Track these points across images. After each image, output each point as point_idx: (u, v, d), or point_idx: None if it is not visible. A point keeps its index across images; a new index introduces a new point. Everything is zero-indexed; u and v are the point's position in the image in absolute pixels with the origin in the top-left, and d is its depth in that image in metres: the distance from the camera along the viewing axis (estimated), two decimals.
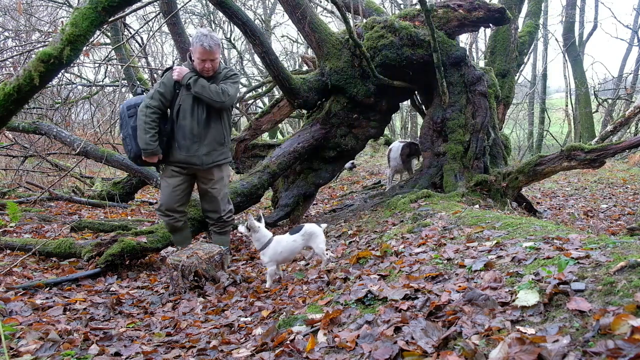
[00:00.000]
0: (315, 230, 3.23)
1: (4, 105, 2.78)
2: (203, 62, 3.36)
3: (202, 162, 3.53)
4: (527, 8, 7.31)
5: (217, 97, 3.39)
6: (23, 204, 6.05)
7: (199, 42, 3.30)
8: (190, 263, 3.19)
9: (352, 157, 6.06)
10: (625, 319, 1.35)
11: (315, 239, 3.21)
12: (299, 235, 3.20)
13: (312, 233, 3.21)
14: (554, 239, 2.35)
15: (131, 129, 3.45)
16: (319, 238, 3.22)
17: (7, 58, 7.34)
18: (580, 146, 4.59)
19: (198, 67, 3.40)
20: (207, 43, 3.29)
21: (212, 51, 3.34)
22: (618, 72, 15.83)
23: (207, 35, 3.33)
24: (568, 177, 8.97)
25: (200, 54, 3.33)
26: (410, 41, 5.03)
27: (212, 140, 3.55)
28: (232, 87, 3.48)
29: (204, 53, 3.32)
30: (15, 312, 2.68)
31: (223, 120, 3.61)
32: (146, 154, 3.45)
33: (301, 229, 3.24)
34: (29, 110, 7.81)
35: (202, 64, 3.38)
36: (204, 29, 3.40)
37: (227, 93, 3.44)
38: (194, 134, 3.48)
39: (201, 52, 3.32)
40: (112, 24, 7.56)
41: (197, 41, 3.31)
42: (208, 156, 3.54)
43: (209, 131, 3.53)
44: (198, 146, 3.50)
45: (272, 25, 16.99)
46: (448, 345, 1.59)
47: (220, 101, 3.41)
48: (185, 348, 2.29)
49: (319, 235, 3.23)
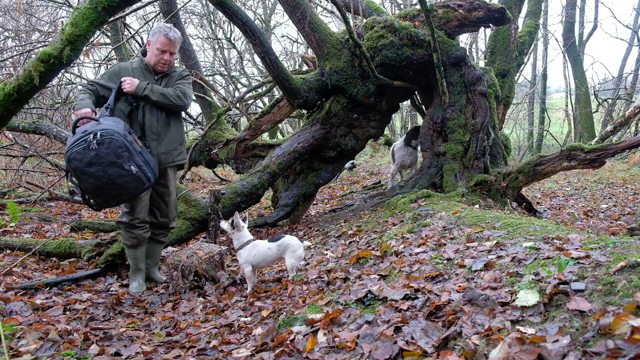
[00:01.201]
0: (293, 244, 3.19)
1: (4, 105, 2.77)
2: (162, 53, 3.21)
3: (160, 160, 3.26)
4: (527, 8, 7.32)
5: (179, 100, 3.25)
6: (23, 204, 6.05)
7: (161, 31, 3.17)
8: (190, 263, 3.19)
9: (352, 157, 6.07)
10: (625, 319, 1.35)
11: (290, 252, 3.17)
12: (275, 245, 3.19)
13: (289, 246, 3.18)
14: (554, 239, 2.35)
15: (139, 155, 2.97)
16: (294, 252, 3.17)
17: (7, 58, 7.34)
18: (580, 146, 4.60)
19: (154, 59, 3.24)
20: (171, 34, 3.18)
21: (174, 43, 3.22)
22: (618, 72, 15.84)
23: (170, 27, 3.21)
24: (568, 177, 8.97)
25: (162, 44, 3.19)
26: (410, 41, 5.03)
27: (172, 139, 3.35)
28: (190, 89, 3.36)
29: (166, 44, 3.19)
30: (15, 312, 2.68)
31: (181, 119, 3.49)
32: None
33: (280, 238, 3.22)
34: (29, 110, 7.81)
35: (161, 56, 3.22)
36: (168, 24, 3.29)
37: (188, 95, 3.30)
38: (153, 132, 3.26)
39: (163, 42, 3.18)
40: (112, 24, 7.56)
41: (160, 31, 3.17)
42: (167, 155, 3.33)
43: (169, 129, 3.33)
44: (157, 144, 3.27)
45: (272, 25, 16.99)
46: (448, 345, 1.58)
47: (183, 104, 3.29)
48: (185, 348, 2.29)
49: (296, 250, 3.18)
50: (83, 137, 2.80)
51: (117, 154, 2.83)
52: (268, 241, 3.25)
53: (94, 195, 2.91)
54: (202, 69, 9.35)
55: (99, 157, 2.79)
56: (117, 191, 2.90)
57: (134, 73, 3.23)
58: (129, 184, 2.91)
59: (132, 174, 2.89)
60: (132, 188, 2.94)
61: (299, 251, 3.19)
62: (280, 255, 3.22)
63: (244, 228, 3.25)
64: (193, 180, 9.66)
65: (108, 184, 2.85)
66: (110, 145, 2.81)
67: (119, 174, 2.85)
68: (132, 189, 2.95)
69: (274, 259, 3.27)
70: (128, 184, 2.90)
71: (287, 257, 3.19)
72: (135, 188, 2.96)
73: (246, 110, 7.45)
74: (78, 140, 2.81)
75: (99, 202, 2.97)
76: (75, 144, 2.81)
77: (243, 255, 3.18)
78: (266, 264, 3.29)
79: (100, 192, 2.89)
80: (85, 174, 2.82)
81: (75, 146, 2.81)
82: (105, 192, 2.87)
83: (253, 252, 3.17)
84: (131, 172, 2.89)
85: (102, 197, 2.92)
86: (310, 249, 3.94)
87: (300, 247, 3.20)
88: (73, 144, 2.81)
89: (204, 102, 7.37)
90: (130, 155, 2.88)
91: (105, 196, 2.91)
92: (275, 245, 3.19)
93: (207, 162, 6.81)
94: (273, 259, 3.25)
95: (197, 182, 9.70)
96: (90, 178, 2.82)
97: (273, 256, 3.22)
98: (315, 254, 3.84)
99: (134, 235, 3.28)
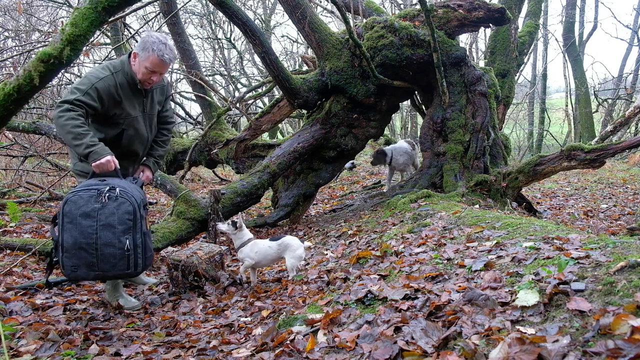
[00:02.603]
0: (293, 244, 3.20)
1: (4, 105, 2.78)
2: (151, 73, 2.74)
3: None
4: (527, 8, 7.32)
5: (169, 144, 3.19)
6: (23, 204, 6.05)
7: (156, 50, 2.67)
8: (190, 263, 3.19)
9: (352, 157, 6.06)
10: (625, 319, 1.35)
11: (290, 252, 3.19)
12: (276, 244, 3.21)
13: (289, 246, 3.20)
14: (554, 239, 2.35)
15: (142, 235, 2.57)
16: (294, 252, 3.19)
17: (7, 58, 7.34)
18: (580, 146, 4.60)
19: (141, 76, 2.75)
20: (166, 55, 2.70)
21: (167, 65, 2.76)
22: (618, 72, 15.86)
23: (165, 44, 2.71)
24: (568, 177, 8.97)
25: (153, 65, 2.70)
26: (410, 41, 5.03)
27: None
28: (171, 106, 3.20)
29: (158, 65, 2.72)
30: (15, 312, 2.68)
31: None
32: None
33: (281, 238, 3.25)
34: (29, 110, 7.81)
35: (149, 76, 2.75)
36: (159, 35, 2.76)
37: (174, 119, 3.14)
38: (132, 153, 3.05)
39: (156, 63, 2.70)
40: (112, 24, 7.56)
41: (154, 48, 2.67)
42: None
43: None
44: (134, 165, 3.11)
45: (272, 25, 16.99)
46: (448, 345, 1.58)
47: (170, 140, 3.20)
48: (185, 348, 2.29)
49: (296, 249, 3.19)
50: (98, 186, 2.49)
51: (121, 220, 2.47)
52: (269, 240, 3.28)
53: (68, 254, 2.43)
54: (202, 69, 9.34)
55: (100, 213, 2.44)
56: (95, 260, 2.43)
57: (122, 92, 2.75)
58: (112, 260, 2.45)
59: (123, 249, 2.46)
60: (111, 265, 2.45)
61: (298, 251, 3.20)
62: (280, 255, 3.23)
63: (244, 227, 3.30)
64: (193, 180, 9.66)
65: (90, 247, 2.42)
66: (120, 207, 2.48)
67: (109, 241, 2.44)
68: (111, 267, 2.45)
69: (274, 258, 3.28)
70: (111, 259, 2.44)
71: (287, 257, 3.20)
72: (114, 267, 2.46)
73: (246, 110, 7.45)
74: (90, 187, 2.50)
75: (67, 265, 2.44)
76: (85, 189, 2.50)
77: (244, 251, 3.22)
78: (266, 262, 3.30)
79: (76, 253, 2.42)
80: (74, 223, 2.43)
81: (84, 191, 2.49)
82: (82, 255, 2.42)
83: (254, 249, 3.21)
84: (123, 246, 2.46)
85: (75, 259, 2.43)
86: (311, 250, 3.94)
87: (301, 247, 3.21)
88: (83, 188, 2.51)
89: (204, 102, 7.38)
90: (134, 229, 2.50)
91: (79, 260, 2.43)
92: (275, 245, 3.21)
93: (207, 162, 6.81)
94: (273, 257, 3.26)
95: (197, 182, 9.70)
96: (76, 231, 2.42)
97: (273, 255, 3.23)
98: (315, 254, 3.84)
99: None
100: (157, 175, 4.66)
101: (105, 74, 2.69)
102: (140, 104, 2.88)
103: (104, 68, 2.75)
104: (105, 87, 2.66)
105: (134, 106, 2.84)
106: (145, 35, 2.76)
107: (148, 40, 2.70)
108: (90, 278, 2.54)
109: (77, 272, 2.46)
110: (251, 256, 3.20)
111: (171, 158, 6.93)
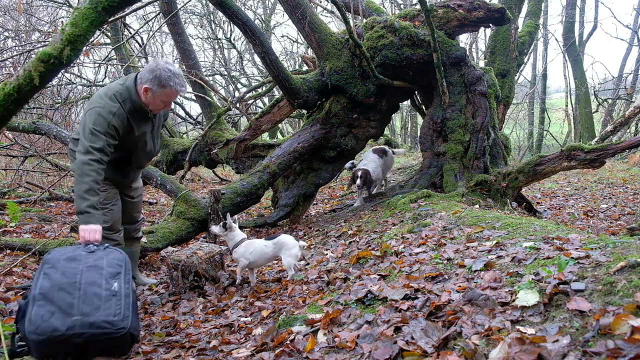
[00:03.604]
0: (289, 243, 3.20)
1: (4, 105, 2.78)
2: (164, 103, 2.75)
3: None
4: (527, 8, 7.32)
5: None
6: (23, 204, 6.05)
7: (173, 86, 2.64)
8: (190, 263, 3.19)
9: (352, 157, 6.06)
10: (625, 319, 1.35)
11: (285, 250, 3.19)
12: (271, 243, 3.20)
13: (285, 244, 3.20)
14: (554, 239, 2.35)
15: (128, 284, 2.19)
16: (290, 251, 3.19)
17: (7, 58, 7.34)
18: (580, 146, 4.60)
19: (155, 107, 2.76)
20: (181, 86, 2.69)
21: (179, 94, 2.79)
22: (618, 72, 15.87)
23: (177, 74, 2.66)
24: (568, 177, 8.97)
25: (170, 98, 2.73)
26: (410, 41, 5.03)
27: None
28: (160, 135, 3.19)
29: (172, 95, 2.73)
30: (15, 312, 2.68)
31: None
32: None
33: (276, 237, 3.24)
34: (29, 110, 7.81)
35: (161, 105, 2.76)
36: (166, 63, 2.68)
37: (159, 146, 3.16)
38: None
39: (171, 95, 2.71)
40: (112, 24, 7.56)
41: (170, 84, 2.63)
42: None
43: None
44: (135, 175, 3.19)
45: (272, 25, 16.99)
46: (448, 345, 1.59)
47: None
48: (185, 348, 2.29)
49: (291, 248, 3.19)
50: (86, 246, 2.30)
51: (110, 263, 2.20)
52: (264, 239, 3.27)
53: (41, 301, 1.98)
54: (202, 69, 9.34)
55: (88, 257, 2.20)
56: (75, 301, 2.00)
57: (133, 119, 2.73)
58: (96, 301, 2.02)
59: (110, 290, 2.09)
60: (94, 307, 2.01)
61: (294, 249, 3.20)
62: (276, 254, 3.23)
63: (236, 228, 3.28)
64: (193, 180, 9.66)
65: (72, 286, 2.03)
66: (110, 254, 2.27)
67: (94, 280, 2.08)
68: (93, 309, 2.00)
69: (270, 257, 3.29)
70: (95, 299, 2.02)
71: (283, 256, 3.20)
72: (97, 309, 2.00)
73: (246, 110, 7.45)
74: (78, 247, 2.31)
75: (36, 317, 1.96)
76: (73, 248, 2.31)
77: (239, 251, 3.21)
78: (262, 261, 3.30)
79: (54, 296, 2.00)
80: (56, 267, 2.10)
81: (71, 249, 2.27)
82: (60, 296, 2.00)
83: (249, 249, 3.19)
84: (110, 287, 2.10)
85: (49, 305, 1.98)
86: (305, 248, 3.94)
87: (296, 246, 3.21)
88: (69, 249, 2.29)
89: (204, 102, 7.37)
90: (124, 276, 2.19)
91: (54, 305, 1.98)
92: (271, 244, 3.20)
93: (207, 162, 6.81)
94: (269, 257, 3.26)
95: (197, 182, 9.69)
96: (57, 273, 2.08)
97: (269, 254, 3.23)
98: (315, 254, 3.84)
99: (116, 243, 2.92)
100: (157, 175, 4.66)
101: (116, 107, 2.65)
102: (149, 124, 2.90)
103: (111, 99, 2.66)
104: (119, 122, 2.65)
105: (143, 129, 2.85)
106: (153, 67, 2.65)
107: (160, 75, 2.62)
108: (63, 330, 1.94)
109: (48, 321, 1.94)
110: (246, 256, 3.19)
111: (171, 158, 6.93)
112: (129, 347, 2.15)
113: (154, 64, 2.67)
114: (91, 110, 2.64)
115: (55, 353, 2.01)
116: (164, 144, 7.08)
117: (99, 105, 2.64)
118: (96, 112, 2.62)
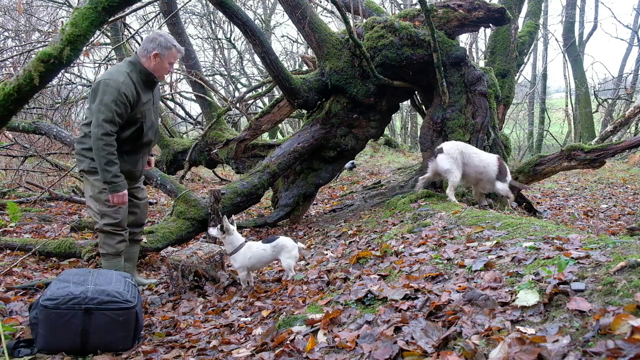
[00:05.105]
0: (288, 245, 3.19)
1: (4, 105, 2.78)
2: (170, 65, 3.06)
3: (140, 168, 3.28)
4: (527, 8, 7.32)
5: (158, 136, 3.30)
6: (23, 204, 6.05)
7: (173, 43, 2.98)
8: (190, 263, 3.19)
9: (352, 157, 6.07)
10: (625, 319, 1.35)
11: (285, 252, 3.18)
12: (270, 246, 3.18)
13: (284, 247, 3.18)
14: (554, 239, 2.35)
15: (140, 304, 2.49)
16: (289, 253, 3.18)
17: (7, 58, 7.34)
18: (580, 146, 4.60)
19: (161, 71, 3.03)
20: (179, 46, 3.03)
21: (180, 53, 3.09)
22: (618, 72, 15.88)
23: (173, 39, 3.04)
24: (568, 177, 8.97)
25: (175, 58, 3.04)
26: (410, 41, 5.03)
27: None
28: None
29: (176, 55, 3.04)
30: (15, 312, 2.68)
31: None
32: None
33: (275, 239, 3.22)
34: (29, 110, 7.81)
35: (167, 69, 3.05)
36: (161, 32, 3.10)
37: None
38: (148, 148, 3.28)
39: (175, 55, 3.02)
40: (112, 24, 7.56)
41: (174, 44, 2.99)
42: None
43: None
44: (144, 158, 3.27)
45: (272, 25, 17.00)
46: (448, 345, 1.58)
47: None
48: (185, 348, 2.29)
49: (290, 250, 3.18)
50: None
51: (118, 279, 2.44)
52: (262, 242, 3.24)
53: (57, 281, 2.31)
54: (202, 69, 9.35)
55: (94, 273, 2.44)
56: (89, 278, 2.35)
57: (139, 89, 2.95)
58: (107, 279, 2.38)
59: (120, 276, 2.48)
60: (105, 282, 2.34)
61: (294, 251, 3.20)
62: (275, 257, 3.22)
63: (235, 231, 3.22)
64: (193, 180, 9.66)
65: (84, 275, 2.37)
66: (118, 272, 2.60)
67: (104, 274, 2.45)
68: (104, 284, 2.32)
69: (269, 260, 3.27)
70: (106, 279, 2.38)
71: (282, 258, 3.19)
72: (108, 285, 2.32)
73: (246, 110, 7.46)
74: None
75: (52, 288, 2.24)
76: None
77: (238, 260, 3.16)
78: (261, 265, 3.30)
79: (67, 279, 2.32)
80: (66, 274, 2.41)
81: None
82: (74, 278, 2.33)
83: (248, 254, 3.15)
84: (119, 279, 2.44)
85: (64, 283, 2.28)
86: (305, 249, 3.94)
87: (295, 248, 3.21)
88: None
89: (204, 102, 7.38)
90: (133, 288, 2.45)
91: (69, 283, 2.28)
92: (270, 247, 3.18)
93: (207, 162, 6.82)
94: (268, 260, 3.26)
95: (197, 182, 9.69)
96: (69, 274, 2.40)
97: (268, 257, 3.22)
98: (315, 254, 3.84)
99: (122, 239, 3.07)
100: (157, 175, 4.66)
101: (124, 77, 2.85)
102: (151, 96, 3.08)
103: (118, 72, 2.89)
104: (128, 90, 2.84)
105: (147, 100, 3.03)
106: (153, 37, 2.98)
107: (163, 40, 2.95)
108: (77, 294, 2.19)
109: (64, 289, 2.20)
110: (244, 264, 3.15)
111: (171, 158, 6.93)
112: (132, 339, 2.30)
113: (151, 35, 3.01)
114: (102, 82, 2.84)
115: (60, 340, 2.16)
116: (164, 144, 7.08)
117: (108, 78, 2.86)
118: (105, 83, 2.83)
